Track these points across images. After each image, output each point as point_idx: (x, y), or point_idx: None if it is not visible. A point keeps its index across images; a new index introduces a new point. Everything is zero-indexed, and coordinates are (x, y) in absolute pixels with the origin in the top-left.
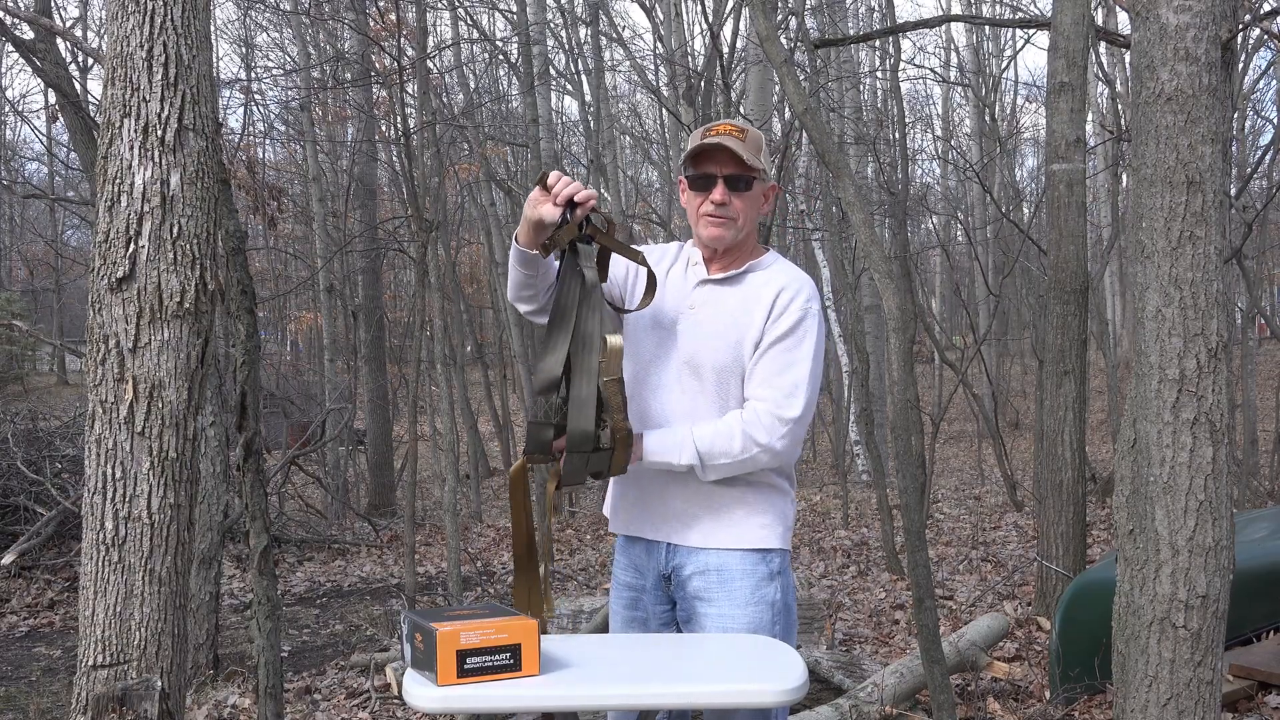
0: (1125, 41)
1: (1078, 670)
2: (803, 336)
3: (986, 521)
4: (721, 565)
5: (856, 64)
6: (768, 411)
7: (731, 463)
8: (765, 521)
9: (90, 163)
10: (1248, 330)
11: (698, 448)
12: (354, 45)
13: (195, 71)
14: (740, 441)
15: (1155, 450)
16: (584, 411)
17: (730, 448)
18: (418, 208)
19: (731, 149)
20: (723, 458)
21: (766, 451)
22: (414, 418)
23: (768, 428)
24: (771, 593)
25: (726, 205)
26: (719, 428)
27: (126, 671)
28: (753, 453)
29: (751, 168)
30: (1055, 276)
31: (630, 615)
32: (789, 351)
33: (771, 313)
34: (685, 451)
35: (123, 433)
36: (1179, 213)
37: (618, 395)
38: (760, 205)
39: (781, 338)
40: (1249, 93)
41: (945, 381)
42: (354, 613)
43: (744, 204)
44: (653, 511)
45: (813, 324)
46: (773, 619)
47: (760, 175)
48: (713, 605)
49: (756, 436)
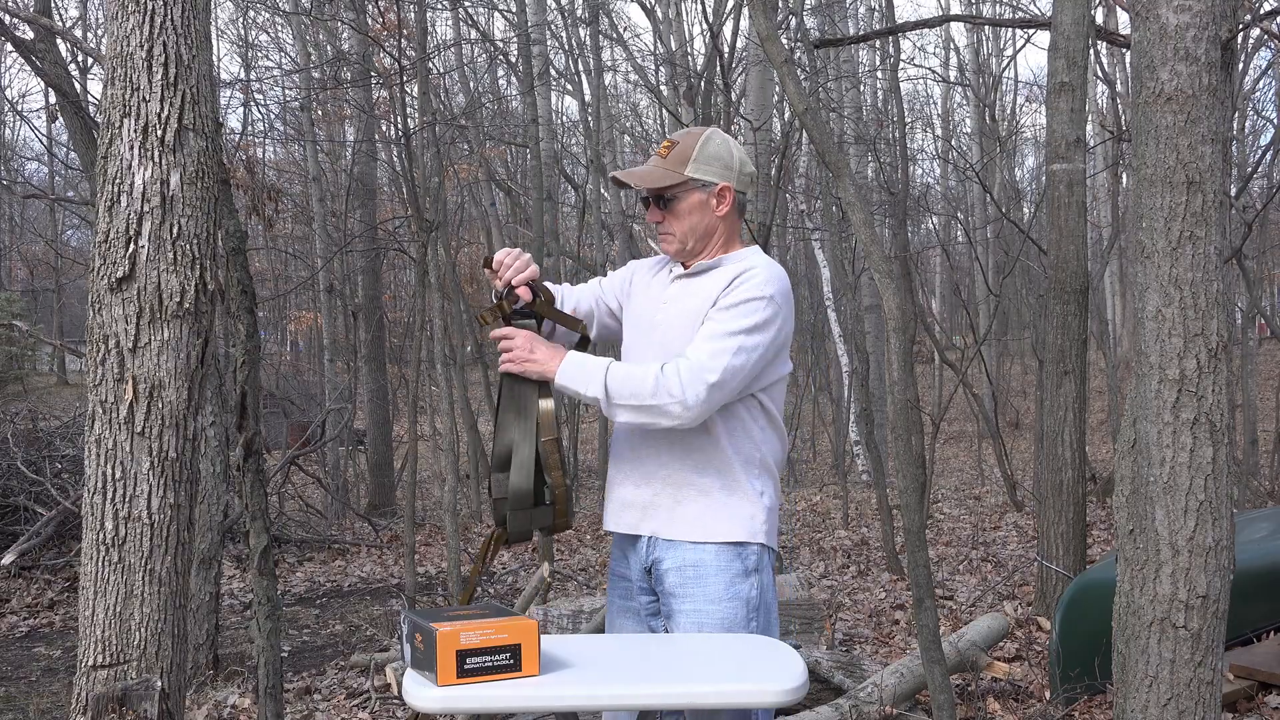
0: (1125, 41)
1: (1078, 670)
2: (749, 314)
3: (986, 521)
4: (698, 561)
5: (856, 64)
6: (690, 368)
7: (640, 405)
8: (741, 515)
9: (90, 163)
10: (1248, 330)
11: (608, 383)
12: (354, 45)
13: (195, 71)
14: (652, 385)
15: (1155, 450)
16: (523, 471)
17: (641, 389)
18: (418, 208)
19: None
20: (631, 399)
21: (679, 404)
22: (414, 418)
23: (686, 382)
24: (747, 589)
25: (660, 222)
26: (636, 370)
27: (126, 671)
28: (664, 401)
29: (659, 187)
30: (1055, 276)
31: (624, 605)
32: (729, 322)
33: (728, 287)
34: (594, 383)
35: (123, 433)
36: (1179, 213)
37: (554, 454)
38: (701, 212)
39: (728, 307)
40: (1249, 93)
41: (945, 381)
42: (354, 613)
43: (674, 218)
44: (630, 505)
45: (762, 308)
46: (748, 615)
47: (688, 185)
48: (687, 601)
49: (671, 386)
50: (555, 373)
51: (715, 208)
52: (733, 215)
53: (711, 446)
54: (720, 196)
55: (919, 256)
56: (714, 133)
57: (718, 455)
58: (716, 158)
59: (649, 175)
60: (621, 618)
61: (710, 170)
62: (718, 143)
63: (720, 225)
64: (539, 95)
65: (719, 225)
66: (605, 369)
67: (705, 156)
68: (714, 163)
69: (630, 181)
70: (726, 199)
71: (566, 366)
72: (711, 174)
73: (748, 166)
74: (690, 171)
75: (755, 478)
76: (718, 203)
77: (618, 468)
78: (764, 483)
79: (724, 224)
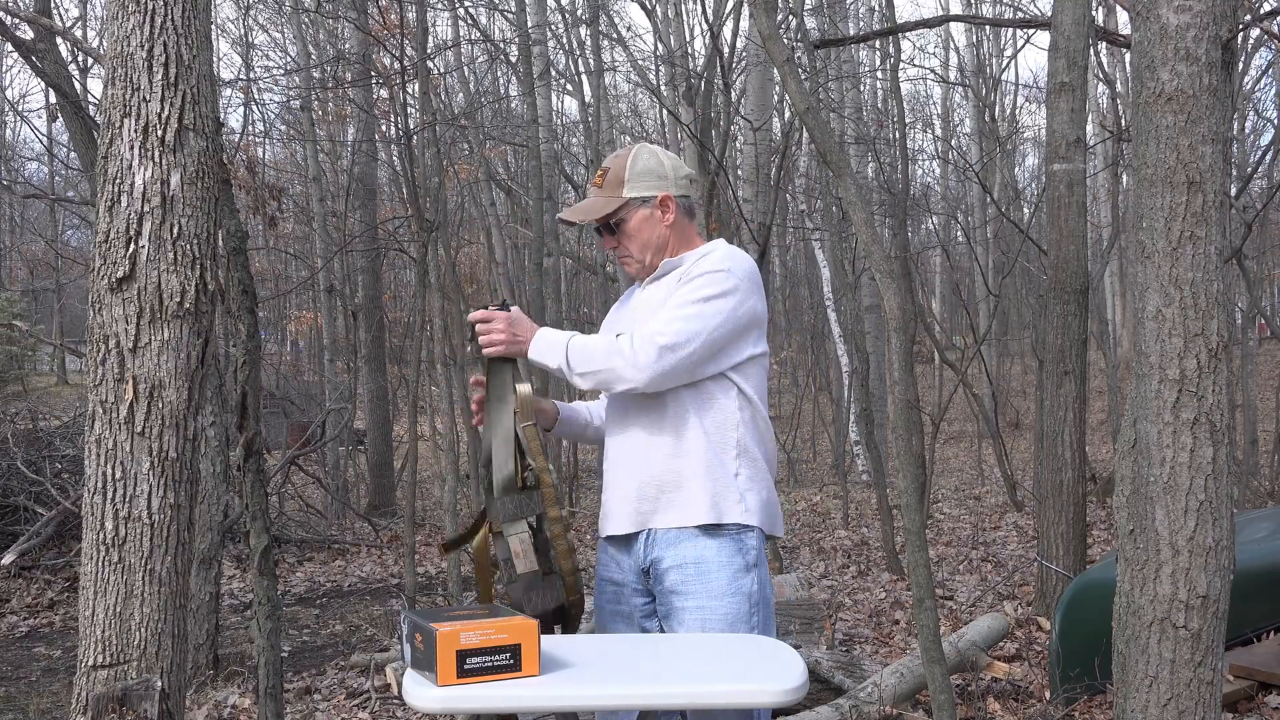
0: (1125, 41)
1: (1078, 670)
2: (705, 286)
3: (986, 521)
4: (699, 557)
5: (856, 64)
6: (643, 334)
7: (594, 370)
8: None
9: (90, 163)
10: (1248, 330)
11: (569, 353)
12: (354, 45)
13: (195, 71)
14: (604, 349)
15: (1155, 450)
16: (505, 458)
17: (595, 354)
18: (418, 208)
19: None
20: (587, 365)
21: (630, 366)
22: (414, 418)
23: (637, 346)
24: (749, 584)
25: (616, 248)
26: (594, 339)
27: (126, 671)
28: (615, 364)
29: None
30: (1055, 276)
31: (614, 610)
32: (685, 294)
33: (690, 270)
34: (557, 354)
35: (123, 433)
36: (1179, 213)
37: (535, 439)
38: (650, 225)
39: (685, 283)
40: (1249, 93)
41: (945, 381)
42: (354, 613)
43: (626, 239)
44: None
45: (720, 280)
46: (750, 610)
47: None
48: (690, 598)
49: (623, 348)
50: (529, 349)
51: (662, 218)
52: (681, 219)
53: (686, 430)
54: (663, 206)
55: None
56: (640, 149)
57: (693, 438)
58: (648, 171)
59: (591, 208)
60: (612, 623)
61: (646, 185)
62: (645, 157)
63: (669, 233)
64: (539, 95)
65: (669, 234)
66: (567, 340)
67: (637, 174)
68: (647, 177)
69: (575, 219)
70: (670, 207)
71: (537, 342)
72: (648, 188)
73: (682, 170)
74: (628, 192)
75: (732, 458)
76: (663, 213)
77: (608, 475)
78: (741, 464)
79: (674, 230)
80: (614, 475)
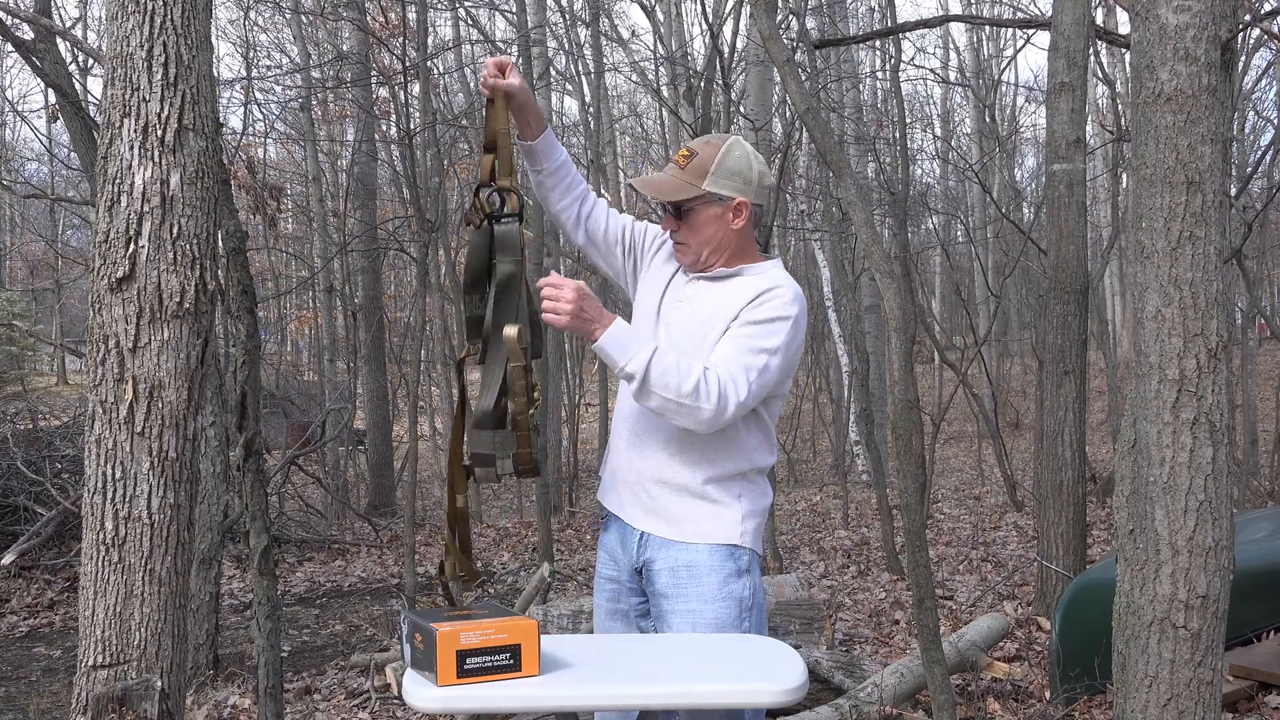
0: (1125, 41)
1: (1078, 670)
2: (774, 332)
3: (986, 521)
4: (691, 561)
5: (857, 64)
6: (726, 381)
7: (670, 400)
8: (728, 520)
9: (90, 163)
10: (1248, 330)
11: (649, 367)
12: (355, 45)
13: (195, 71)
14: (693, 386)
15: (1155, 450)
16: (489, 392)
17: (682, 385)
18: (418, 208)
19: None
20: (666, 391)
21: (710, 411)
22: (414, 418)
23: (722, 393)
24: (740, 589)
25: (676, 232)
26: (683, 363)
27: (126, 671)
28: (699, 404)
29: (675, 199)
30: (1055, 276)
31: (612, 608)
32: (756, 339)
33: (753, 300)
34: (637, 360)
35: (123, 433)
36: (1179, 213)
37: (520, 380)
38: (716, 225)
39: (755, 323)
40: (1249, 93)
41: (945, 381)
42: (354, 613)
43: (689, 230)
44: (630, 492)
45: (786, 329)
46: (740, 615)
47: (705, 199)
48: (680, 601)
49: (711, 392)
50: (599, 336)
51: (731, 221)
52: (748, 228)
53: (707, 449)
54: (737, 211)
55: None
56: (735, 144)
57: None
58: (736, 172)
59: (665, 186)
60: (611, 620)
61: (729, 184)
62: (737, 155)
63: (735, 238)
64: (539, 96)
65: (734, 239)
66: (653, 350)
67: (724, 170)
68: (733, 177)
69: (646, 192)
70: (743, 214)
71: (614, 332)
72: (729, 188)
73: (767, 179)
74: (708, 185)
75: (739, 480)
76: (734, 217)
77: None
78: (744, 487)
79: (739, 236)
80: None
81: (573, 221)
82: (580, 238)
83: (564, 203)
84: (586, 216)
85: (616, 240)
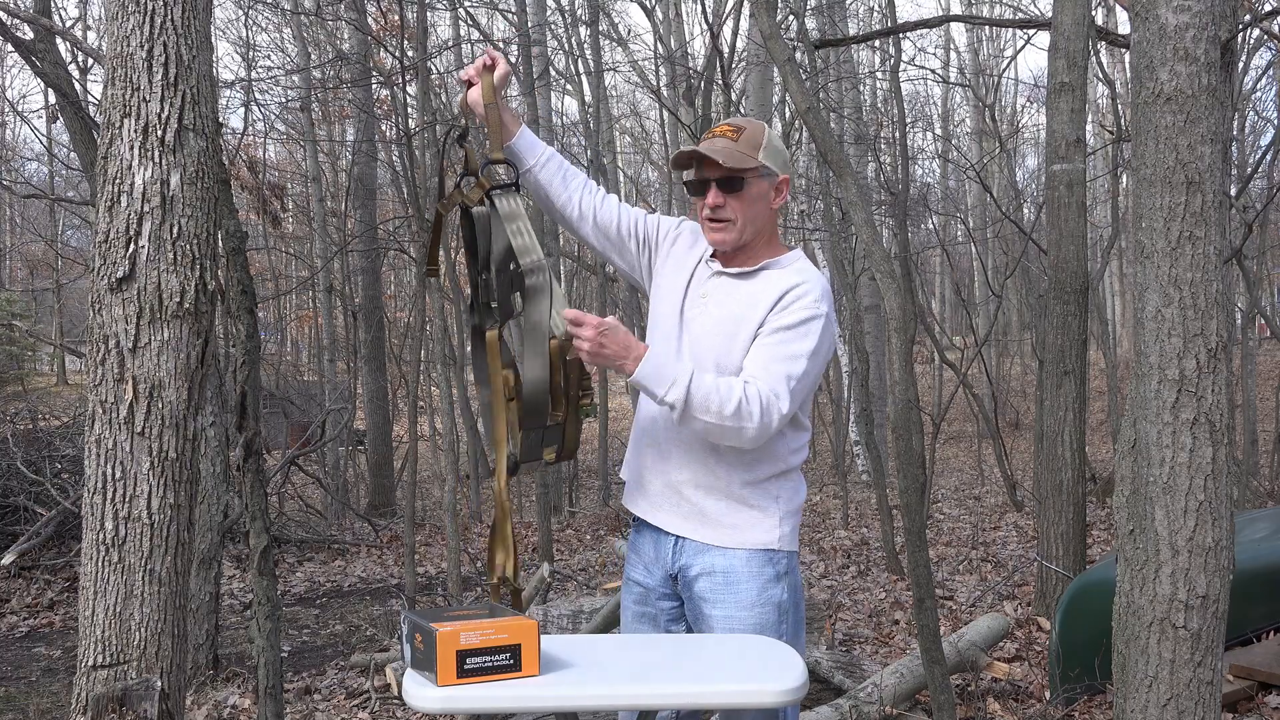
0: (1125, 41)
1: (1078, 670)
2: (806, 334)
3: (986, 521)
4: (729, 567)
5: (857, 64)
6: (768, 395)
7: (713, 424)
8: (766, 524)
9: (90, 163)
10: (1248, 330)
11: (689, 394)
12: (354, 45)
13: (195, 71)
14: (735, 406)
15: (1155, 450)
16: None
17: (724, 407)
18: (418, 208)
19: (708, 154)
20: (708, 415)
21: (755, 428)
22: (414, 418)
23: (765, 408)
24: (778, 593)
25: (722, 208)
26: (721, 384)
27: (126, 671)
28: (743, 424)
29: (738, 168)
30: (1055, 276)
31: (640, 611)
32: (789, 344)
33: (779, 303)
34: (676, 388)
35: (123, 433)
36: (1179, 213)
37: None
38: (764, 202)
39: (786, 328)
40: (1249, 93)
41: (945, 382)
42: (354, 613)
43: (740, 204)
44: (664, 497)
45: (818, 327)
46: (779, 619)
47: (759, 171)
48: (718, 607)
49: (754, 410)
50: (632, 370)
51: (773, 199)
52: (778, 213)
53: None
54: (778, 190)
55: (919, 256)
56: (768, 127)
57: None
58: (778, 150)
59: (731, 153)
60: (638, 624)
61: (776, 161)
62: (775, 136)
63: (772, 219)
64: (539, 96)
65: (771, 220)
66: (690, 374)
67: (771, 147)
68: (777, 155)
69: (717, 158)
70: (783, 193)
71: (648, 364)
72: (776, 165)
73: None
74: (763, 157)
75: (774, 483)
76: (775, 194)
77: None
78: (780, 487)
79: (774, 219)
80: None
81: (578, 215)
82: (590, 231)
83: (564, 196)
84: (596, 209)
85: (630, 234)
